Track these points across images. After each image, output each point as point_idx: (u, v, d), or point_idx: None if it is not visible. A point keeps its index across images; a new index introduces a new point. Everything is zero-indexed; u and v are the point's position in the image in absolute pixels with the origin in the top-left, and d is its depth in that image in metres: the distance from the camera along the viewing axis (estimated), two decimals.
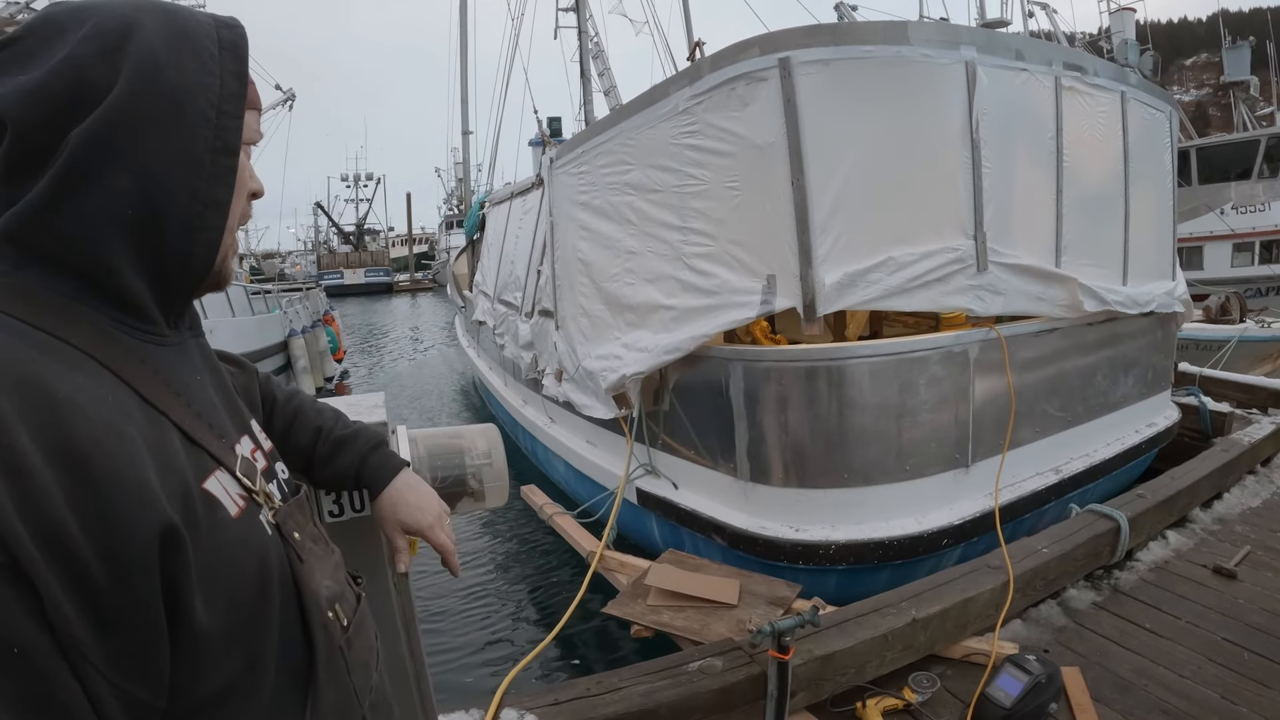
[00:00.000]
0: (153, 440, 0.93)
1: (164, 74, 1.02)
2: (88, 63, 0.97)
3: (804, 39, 4.77)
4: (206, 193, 1.06)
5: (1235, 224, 21.20)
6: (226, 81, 1.09)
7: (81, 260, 0.99)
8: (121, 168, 0.98)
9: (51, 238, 0.97)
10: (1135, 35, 27.66)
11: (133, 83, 0.99)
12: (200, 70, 1.06)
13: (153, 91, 1.00)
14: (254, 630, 1.03)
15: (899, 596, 4.12)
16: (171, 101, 1.02)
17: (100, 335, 0.99)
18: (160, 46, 1.02)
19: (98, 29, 0.99)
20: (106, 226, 0.99)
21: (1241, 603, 4.50)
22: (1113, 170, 6.19)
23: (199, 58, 1.07)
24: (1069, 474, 5.67)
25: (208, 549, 0.94)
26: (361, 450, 1.72)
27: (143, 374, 1.02)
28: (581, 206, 6.83)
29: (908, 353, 4.89)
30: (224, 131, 1.08)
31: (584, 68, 25.33)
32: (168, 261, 1.06)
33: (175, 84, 1.03)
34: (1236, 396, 8.31)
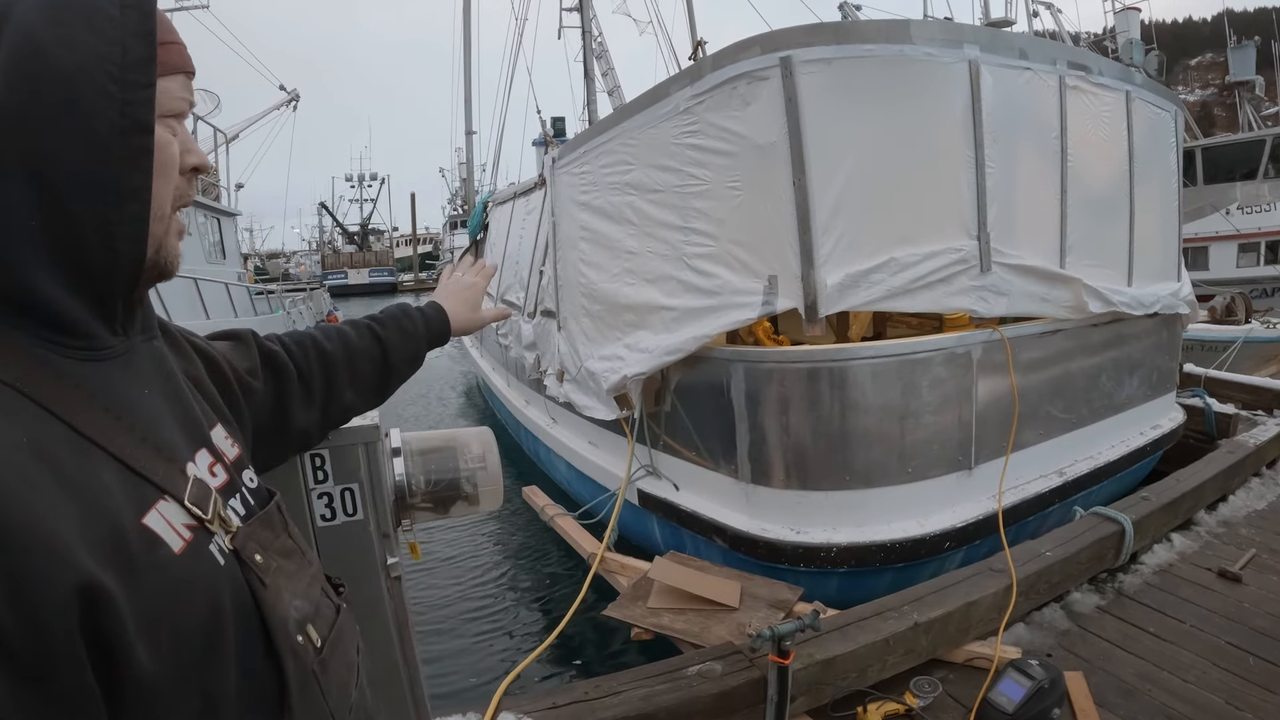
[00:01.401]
0: (77, 482, 0.85)
1: (48, 54, 0.89)
2: None
3: (806, 38, 4.74)
4: (119, 182, 0.94)
5: (1241, 224, 21.16)
6: (130, 46, 0.94)
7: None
8: (15, 173, 0.88)
9: None
10: (1140, 35, 27.60)
11: (10, 73, 0.87)
12: (95, 39, 0.92)
13: (36, 78, 0.88)
14: (208, 669, 0.96)
15: (901, 600, 4.10)
16: (61, 86, 0.89)
17: (22, 360, 0.90)
18: (40, 21, 0.89)
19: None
20: (9, 240, 0.89)
21: (1246, 606, 4.47)
22: (1117, 170, 6.16)
23: (92, 24, 0.92)
24: (1073, 476, 5.63)
25: (148, 592, 0.87)
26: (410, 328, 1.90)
27: (74, 401, 0.93)
28: (583, 207, 6.81)
29: (910, 354, 4.86)
30: (131, 106, 0.94)
31: (587, 67, 25.35)
32: (90, 266, 0.96)
33: (63, 63, 0.89)
34: (1242, 398, 8.28)
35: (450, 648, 6.23)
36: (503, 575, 7.74)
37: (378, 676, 2.13)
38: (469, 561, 8.09)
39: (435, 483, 2.24)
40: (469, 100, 25.82)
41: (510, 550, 8.32)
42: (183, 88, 1.09)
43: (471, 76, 25.88)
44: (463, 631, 6.55)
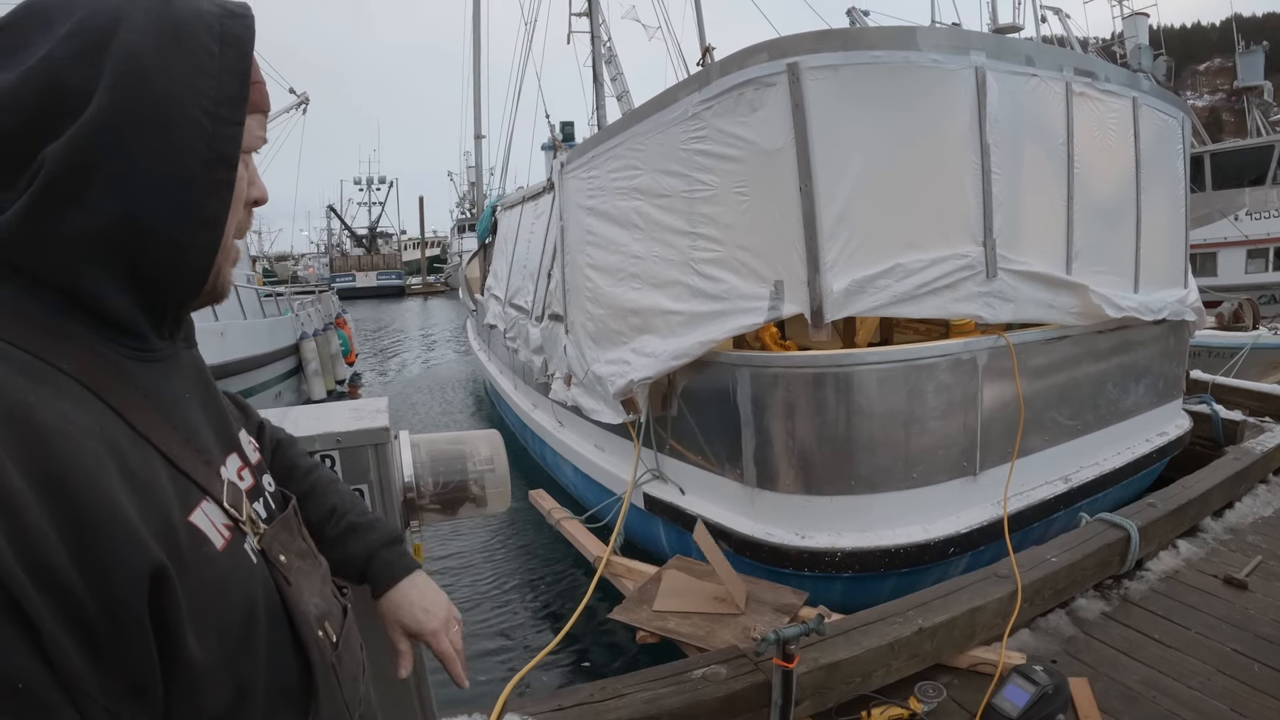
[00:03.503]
0: (140, 475, 0.90)
1: (151, 79, 0.93)
2: (66, 65, 0.90)
3: (813, 44, 4.75)
4: (197, 209, 0.99)
5: (1249, 230, 21.12)
6: (225, 83, 1.00)
7: (63, 280, 0.94)
8: (102, 187, 0.92)
9: (31, 257, 0.92)
10: (1148, 40, 27.59)
11: (114, 92, 0.91)
12: (194, 72, 0.97)
13: (137, 100, 0.92)
14: (242, 660, 1.01)
15: (905, 605, 4.10)
16: (159, 111, 0.93)
17: (88, 357, 0.94)
18: (148, 46, 0.94)
19: (81, 25, 0.92)
20: (87, 248, 0.93)
21: (1252, 614, 4.46)
22: (1124, 176, 6.16)
23: (193, 57, 0.97)
24: (1078, 483, 5.63)
25: (195, 585, 0.91)
26: (374, 543, 1.62)
27: (131, 399, 0.97)
28: (590, 211, 6.83)
29: (916, 360, 4.87)
30: (219, 140, 0.99)
31: (597, 72, 25.34)
32: (156, 281, 1.01)
33: (163, 90, 0.94)
34: (1249, 404, 8.26)
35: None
36: (509, 578, 7.75)
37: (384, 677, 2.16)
38: (475, 564, 8.10)
39: (444, 484, 2.25)
40: (478, 104, 25.87)
41: (516, 553, 8.33)
42: (259, 125, 1.13)
43: (481, 81, 25.93)
44: (468, 634, 6.52)
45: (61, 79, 0.90)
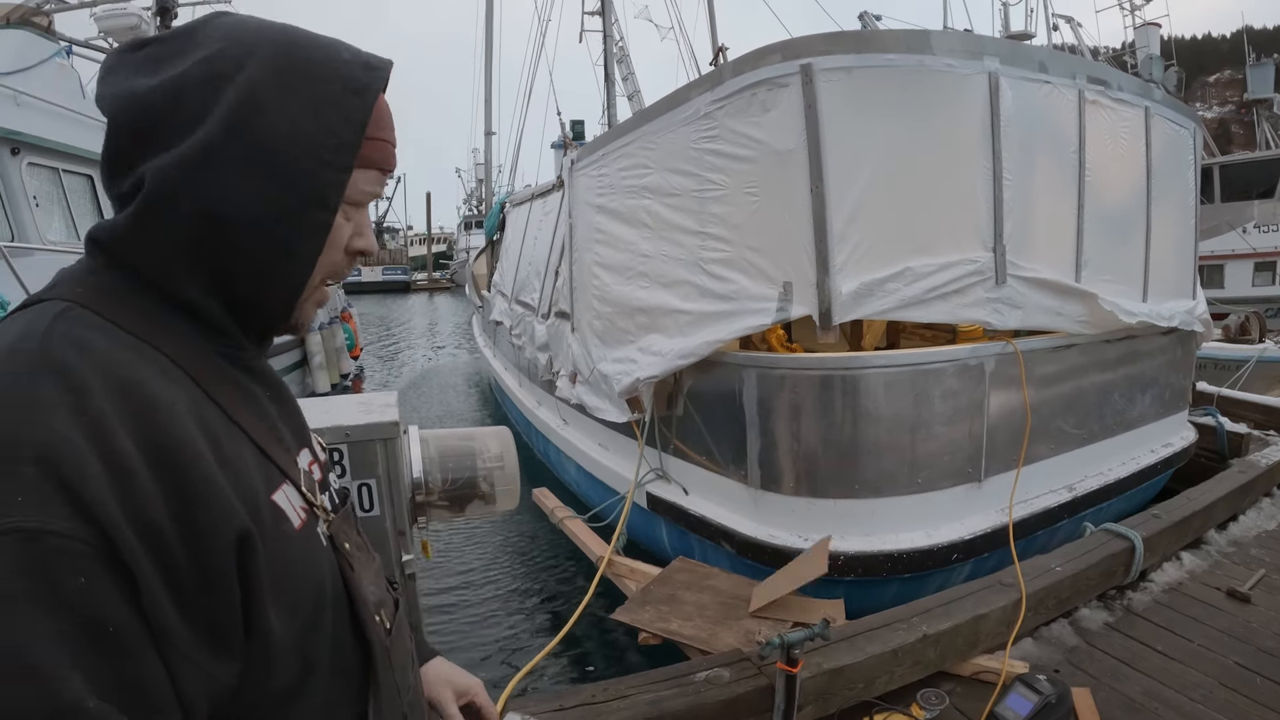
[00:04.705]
0: (230, 452, 0.96)
1: (264, 114, 0.99)
2: (191, 87, 0.97)
3: (826, 46, 4.74)
4: (289, 244, 1.05)
5: (1257, 243, 21.07)
6: (339, 129, 1.05)
7: (163, 284, 1.01)
8: (199, 206, 0.97)
9: (134, 256, 0.99)
10: (1160, 50, 27.55)
11: (226, 121, 0.97)
12: (310, 114, 1.02)
13: (246, 132, 0.97)
14: (309, 637, 1.06)
15: (910, 611, 4.10)
16: (266, 145, 0.99)
17: (186, 346, 1.01)
18: (270, 83, 0.99)
19: (219, 52, 0.98)
20: (184, 259, 1.00)
21: (1255, 627, 4.45)
22: (1135, 186, 6.14)
23: (313, 100, 1.02)
24: (1082, 492, 5.62)
25: (275, 558, 0.97)
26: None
27: (223, 387, 1.04)
28: (599, 209, 6.82)
29: (923, 364, 4.86)
30: (321, 183, 1.04)
31: (608, 71, 25.40)
32: (239, 301, 1.07)
33: (273, 127, 0.99)
34: (1254, 418, 8.24)
35: (455, 649, 6.22)
36: (510, 576, 7.73)
37: None
38: (476, 562, 8.09)
39: (452, 481, 2.24)
40: (489, 101, 25.95)
41: (518, 552, 8.31)
42: (375, 182, 1.16)
43: (492, 77, 25.95)
44: (469, 632, 6.54)
45: (183, 97, 0.96)
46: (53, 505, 0.76)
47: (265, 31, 1.03)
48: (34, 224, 8.97)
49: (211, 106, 0.96)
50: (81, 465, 0.79)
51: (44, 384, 0.83)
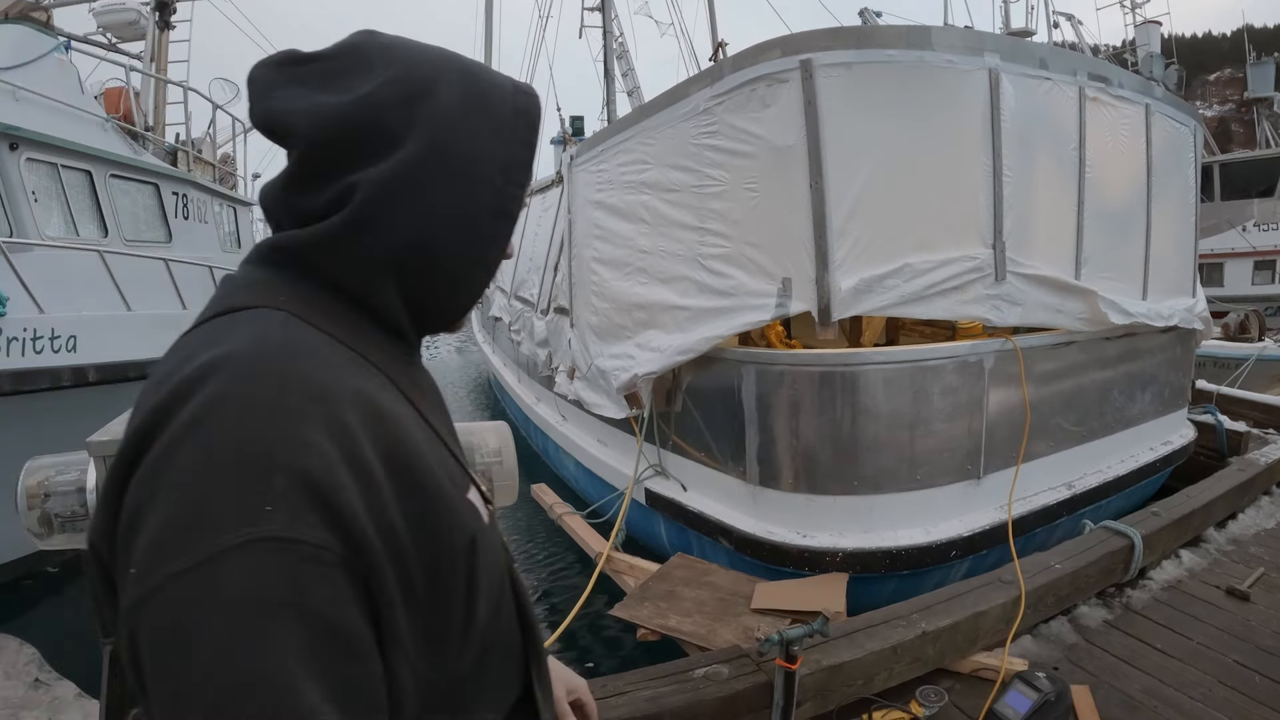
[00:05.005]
0: (440, 457, 1.03)
1: (458, 135, 1.06)
2: (388, 107, 1.03)
3: (827, 41, 4.73)
4: (478, 254, 1.13)
5: (1257, 241, 21.11)
6: (515, 151, 1.13)
7: (362, 291, 1.06)
8: (407, 219, 1.04)
9: (338, 265, 1.03)
10: (1160, 48, 27.53)
11: (428, 139, 1.04)
12: (493, 136, 1.10)
13: (445, 151, 1.05)
14: (494, 622, 1.12)
15: (909, 609, 4.09)
16: (461, 163, 1.07)
17: (385, 354, 1.07)
18: (458, 107, 1.07)
19: (404, 75, 1.05)
20: (383, 269, 1.05)
21: (1254, 625, 4.45)
22: (1135, 183, 6.14)
23: (492, 122, 1.11)
24: (1081, 489, 5.61)
25: (485, 556, 1.05)
26: None
27: (415, 392, 1.09)
28: (598, 205, 6.81)
29: (922, 361, 4.85)
30: (506, 199, 1.12)
31: (608, 67, 25.34)
32: (429, 306, 1.13)
33: (467, 146, 1.07)
34: (1254, 416, 8.25)
35: None
36: None
37: None
38: None
39: None
40: None
41: (516, 547, 8.30)
42: None
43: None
44: None
45: (383, 117, 1.02)
46: (303, 514, 0.79)
47: (440, 57, 1.11)
48: (33, 220, 8.94)
49: (409, 127, 1.03)
50: (333, 476, 0.82)
51: (291, 394, 0.85)
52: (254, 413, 0.82)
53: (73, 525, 2.17)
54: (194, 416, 0.81)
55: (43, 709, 4.66)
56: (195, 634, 0.73)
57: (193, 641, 0.73)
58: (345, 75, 1.05)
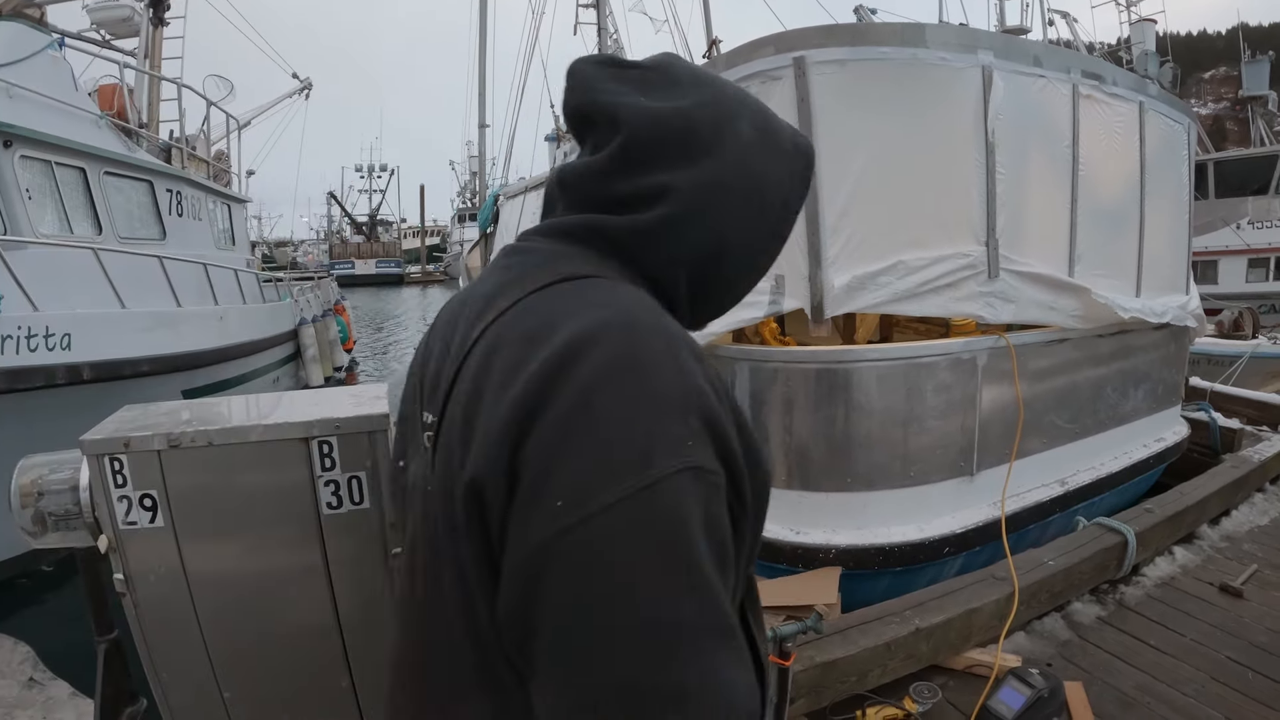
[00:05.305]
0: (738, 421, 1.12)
1: (755, 161, 1.21)
2: (702, 122, 1.17)
3: (820, 39, 4.73)
4: (755, 266, 1.29)
5: (1251, 239, 21.16)
6: (794, 184, 1.28)
7: (666, 283, 1.19)
8: (710, 228, 1.18)
9: (645, 254, 1.17)
10: (1155, 46, 27.54)
11: (733, 159, 1.18)
12: (780, 166, 1.26)
13: (744, 173, 1.20)
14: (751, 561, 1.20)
15: (903, 605, 4.09)
16: (755, 186, 1.22)
17: None
18: (755, 137, 1.22)
19: (714, 100, 1.20)
20: (683, 264, 1.19)
21: (1247, 622, 4.46)
22: (1129, 180, 6.13)
23: (780, 156, 1.26)
24: (1075, 486, 5.62)
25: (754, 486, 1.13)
26: None
27: None
28: None
29: (915, 358, 4.85)
30: (783, 223, 1.28)
31: None
32: (702, 302, 1.27)
33: (760, 173, 1.22)
34: (1247, 413, 8.26)
35: None
36: None
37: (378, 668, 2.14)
38: None
39: None
40: (483, 93, 25.78)
41: None
42: None
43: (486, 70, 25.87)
44: None
45: (696, 129, 1.17)
46: (707, 449, 0.93)
47: (738, 93, 1.26)
48: (26, 217, 8.93)
49: (717, 144, 1.17)
50: (720, 419, 0.96)
51: (681, 352, 0.98)
52: (661, 366, 0.95)
53: (65, 524, 2.17)
54: (607, 370, 0.93)
55: (37, 708, 4.65)
56: (640, 549, 0.86)
57: (646, 555, 0.86)
58: (660, 87, 1.19)
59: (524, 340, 0.99)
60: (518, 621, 0.91)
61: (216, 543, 2.14)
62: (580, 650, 0.86)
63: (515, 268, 1.16)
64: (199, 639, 2.18)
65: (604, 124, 1.19)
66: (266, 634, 2.23)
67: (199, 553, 2.12)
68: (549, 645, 0.88)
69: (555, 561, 0.87)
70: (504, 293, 1.10)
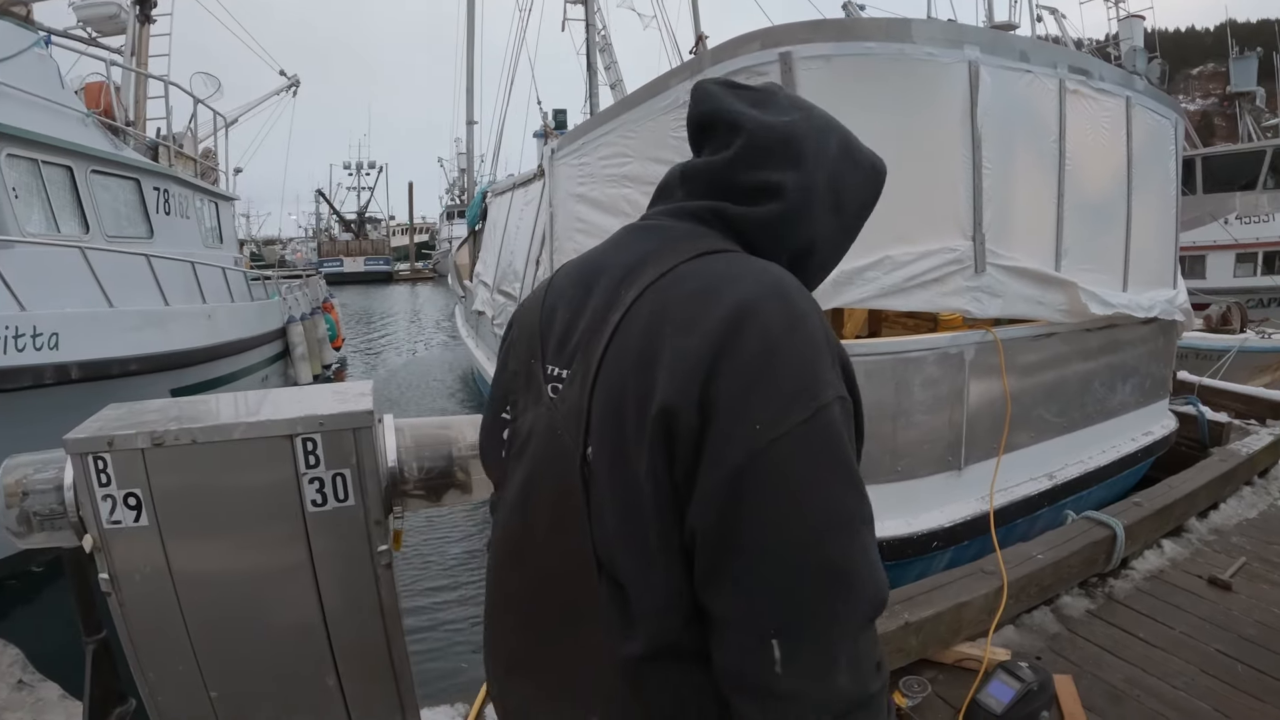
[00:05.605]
0: None
1: (842, 173, 1.44)
2: (803, 134, 1.39)
3: (807, 34, 4.72)
4: (833, 260, 1.53)
5: (1239, 234, 21.25)
6: (867, 198, 1.52)
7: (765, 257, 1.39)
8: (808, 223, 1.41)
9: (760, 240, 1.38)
10: (1143, 43, 27.60)
11: (823, 165, 1.40)
12: (856, 179, 1.48)
13: (836, 182, 1.42)
14: None
15: (891, 599, 4.08)
16: (840, 193, 1.44)
17: None
18: (842, 153, 1.45)
19: (809, 120, 1.43)
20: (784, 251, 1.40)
21: (1236, 614, 4.47)
22: (1116, 175, 6.14)
23: (857, 172, 1.48)
24: (1063, 480, 5.62)
25: None
26: None
27: None
28: (579, 198, 6.80)
29: (903, 353, 4.85)
30: (854, 227, 1.52)
31: (591, 61, 25.37)
32: None
33: (846, 185, 1.45)
34: (1235, 407, 8.28)
35: (437, 639, 6.21)
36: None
37: (365, 667, 2.14)
38: (455, 550, 8.08)
39: (428, 470, 2.23)
40: (470, 90, 25.79)
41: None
42: None
43: (474, 67, 25.84)
44: (450, 623, 6.53)
45: (800, 140, 1.39)
46: (842, 382, 1.20)
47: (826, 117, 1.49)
48: (13, 216, 8.90)
49: (816, 152, 1.39)
50: (847, 361, 1.24)
51: (819, 312, 1.24)
52: (812, 323, 1.19)
53: (51, 523, 2.16)
54: (779, 326, 1.16)
55: (26, 710, 4.63)
56: (821, 459, 1.13)
57: (823, 464, 1.13)
58: (767, 105, 1.43)
59: (691, 299, 1.21)
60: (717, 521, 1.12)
61: (202, 541, 2.13)
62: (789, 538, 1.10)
63: (655, 241, 1.37)
64: (185, 638, 2.17)
65: (725, 129, 1.41)
66: (253, 632, 2.22)
67: (184, 551, 2.11)
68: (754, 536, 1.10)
69: (758, 469, 1.10)
70: (657, 259, 1.31)
